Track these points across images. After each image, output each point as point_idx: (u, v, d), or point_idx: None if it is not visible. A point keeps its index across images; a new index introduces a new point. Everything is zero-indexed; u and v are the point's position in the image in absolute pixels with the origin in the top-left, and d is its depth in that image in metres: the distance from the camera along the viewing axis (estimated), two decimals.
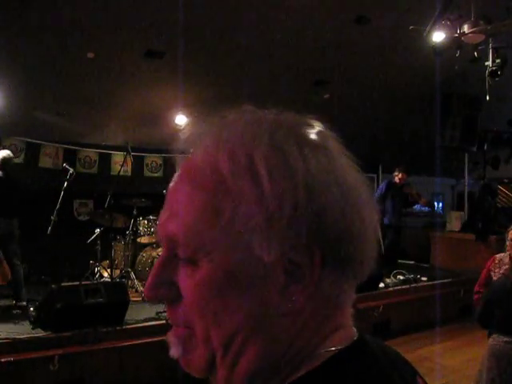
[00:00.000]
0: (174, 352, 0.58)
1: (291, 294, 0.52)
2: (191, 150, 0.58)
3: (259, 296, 0.52)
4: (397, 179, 8.25)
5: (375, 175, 11.17)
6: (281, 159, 0.52)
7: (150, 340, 4.51)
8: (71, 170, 6.33)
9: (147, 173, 8.87)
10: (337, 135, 0.61)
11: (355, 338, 0.56)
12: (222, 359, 0.54)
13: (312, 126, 0.58)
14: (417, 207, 12.86)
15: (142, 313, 5.33)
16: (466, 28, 5.42)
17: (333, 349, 0.54)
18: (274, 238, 0.51)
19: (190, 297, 0.54)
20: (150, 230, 7.25)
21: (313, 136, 0.56)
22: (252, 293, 0.52)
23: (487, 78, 6.07)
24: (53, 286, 4.52)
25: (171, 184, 0.57)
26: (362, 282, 0.58)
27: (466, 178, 9.91)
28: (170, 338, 0.58)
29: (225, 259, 0.52)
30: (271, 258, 0.51)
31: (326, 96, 8.15)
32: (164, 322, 4.83)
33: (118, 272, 6.73)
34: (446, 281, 7.45)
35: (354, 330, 0.58)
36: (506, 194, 12.29)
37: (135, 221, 7.04)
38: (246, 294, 0.52)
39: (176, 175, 0.57)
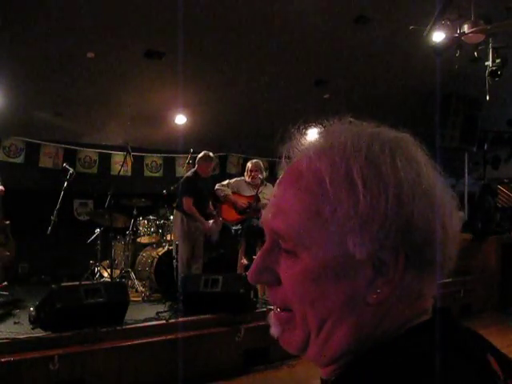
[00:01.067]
0: (275, 331, 0.67)
1: (377, 287, 0.60)
2: (296, 157, 0.66)
3: (350, 286, 0.60)
4: None
5: None
6: (375, 171, 0.59)
7: (149, 340, 4.51)
8: (71, 170, 6.34)
9: (147, 173, 8.88)
10: None
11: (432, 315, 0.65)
12: (315, 338, 0.63)
13: (405, 140, 0.65)
14: None
15: (142, 313, 5.34)
16: (465, 28, 5.42)
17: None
18: (365, 239, 0.59)
19: (290, 284, 0.63)
20: (150, 230, 7.25)
21: (405, 150, 0.63)
22: (344, 284, 0.60)
23: (487, 78, 6.07)
24: (53, 286, 4.52)
25: (278, 184, 0.66)
26: None
27: (466, 177, 9.89)
28: (272, 319, 0.67)
29: (322, 254, 0.60)
30: (362, 255, 0.59)
31: (326, 96, 8.15)
32: (164, 321, 4.84)
33: (117, 272, 6.73)
34: (446, 281, 7.44)
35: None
36: (506, 193, 12.29)
37: (135, 221, 7.04)
38: (338, 285, 0.60)
39: (282, 177, 0.66)
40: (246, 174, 6.45)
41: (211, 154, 6.24)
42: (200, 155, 6.23)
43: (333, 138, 0.64)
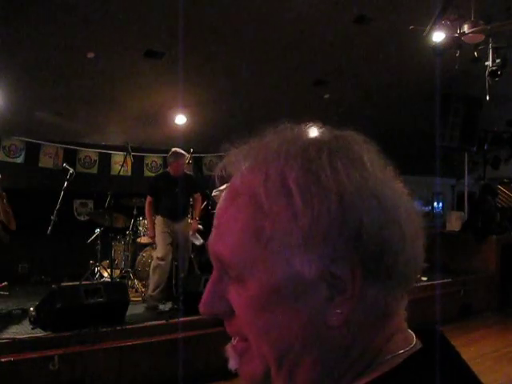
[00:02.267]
0: (232, 364, 0.60)
1: (336, 307, 0.53)
2: (233, 173, 0.60)
3: (305, 311, 0.54)
4: None
5: None
6: (312, 178, 0.53)
7: (149, 340, 4.51)
8: (71, 170, 6.33)
9: (147, 173, 8.87)
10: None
11: (415, 342, 0.58)
12: (276, 373, 0.56)
13: (347, 140, 0.59)
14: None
15: (142, 313, 5.34)
16: (466, 28, 5.42)
17: (400, 351, 0.56)
18: (312, 254, 0.53)
19: (241, 313, 0.57)
20: None
21: (346, 150, 0.57)
22: (298, 307, 0.54)
23: (487, 78, 6.07)
24: (53, 286, 4.52)
25: (219, 204, 0.60)
26: None
27: (466, 177, 9.90)
28: (229, 350, 0.61)
29: (268, 277, 0.54)
30: (312, 273, 0.53)
31: (326, 96, 8.16)
32: (164, 321, 4.84)
33: (118, 272, 6.72)
34: (446, 281, 7.44)
35: (410, 332, 0.60)
36: (506, 193, 12.29)
37: (135, 221, 7.04)
38: (292, 309, 0.54)
39: (222, 196, 0.60)
40: None
41: (179, 150, 5.91)
42: (169, 153, 5.95)
43: (266, 149, 0.58)
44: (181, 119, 8.11)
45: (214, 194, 6.30)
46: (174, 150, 5.89)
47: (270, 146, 0.58)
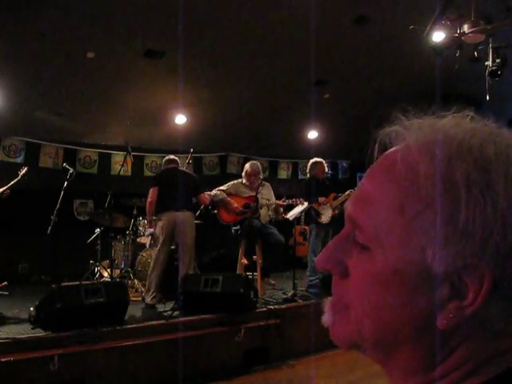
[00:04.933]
0: (326, 320, 0.60)
1: (450, 311, 0.51)
2: (394, 143, 0.58)
3: (420, 302, 0.52)
4: None
5: None
6: (483, 177, 0.51)
7: (149, 340, 4.51)
8: (71, 170, 6.33)
9: (147, 173, 8.88)
10: (335, 135, 0.60)
11: None
12: (371, 347, 0.56)
13: None
14: None
15: (142, 313, 5.34)
16: (466, 28, 5.42)
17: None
18: (449, 251, 0.50)
19: (356, 281, 0.56)
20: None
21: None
22: (414, 297, 0.52)
23: (487, 78, 6.07)
24: (53, 286, 4.52)
25: (369, 169, 0.59)
26: None
27: None
28: (327, 306, 0.60)
29: (397, 257, 0.53)
30: (441, 269, 0.51)
31: (326, 96, 8.16)
32: (164, 321, 4.84)
33: (118, 272, 6.73)
34: None
35: None
36: None
37: (135, 221, 7.04)
38: (407, 296, 0.52)
39: (373, 165, 0.59)
40: (244, 176, 6.41)
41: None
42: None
43: (440, 132, 0.55)
44: (181, 119, 8.11)
45: (213, 193, 6.30)
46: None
47: (446, 129, 0.56)
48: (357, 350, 0.58)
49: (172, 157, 6.19)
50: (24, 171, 6.07)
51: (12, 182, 5.88)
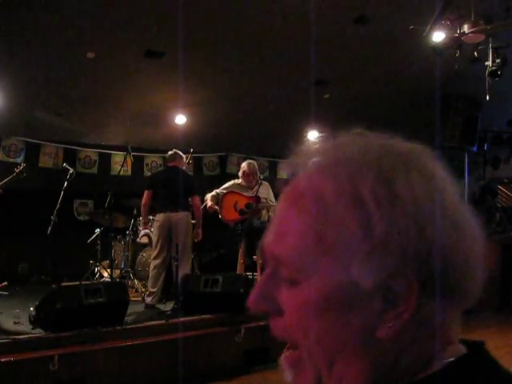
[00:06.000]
0: (287, 377, 0.60)
1: (388, 320, 0.53)
2: (297, 173, 0.59)
3: (357, 320, 0.53)
4: None
5: None
6: (387, 188, 0.52)
7: (149, 340, 4.51)
8: (71, 170, 6.34)
9: (147, 173, 8.87)
10: (335, 135, 0.60)
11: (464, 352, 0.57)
12: (328, 378, 0.56)
13: (421, 154, 0.58)
14: None
15: (142, 313, 5.34)
16: (466, 28, 5.42)
17: (450, 359, 0.55)
18: (373, 266, 0.52)
19: (292, 316, 0.56)
20: (150, 230, 7.24)
21: (421, 164, 0.56)
22: (350, 317, 0.53)
23: (487, 78, 6.07)
24: (53, 286, 4.52)
25: (278, 204, 0.59)
26: None
27: (466, 178, 9.90)
28: (283, 362, 0.60)
29: (324, 283, 0.53)
30: (369, 284, 0.52)
31: (326, 96, 8.15)
32: (164, 321, 4.84)
33: (118, 272, 6.73)
34: None
35: (461, 346, 0.58)
36: (506, 193, 12.28)
37: (135, 221, 7.04)
38: (344, 318, 0.53)
39: (282, 196, 0.59)
40: (241, 176, 6.37)
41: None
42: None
43: (338, 152, 0.56)
44: (181, 119, 8.11)
45: (212, 194, 6.29)
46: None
47: (343, 149, 0.57)
48: None
49: (171, 152, 6.09)
50: (20, 168, 6.07)
51: (5, 180, 5.88)
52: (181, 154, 6.10)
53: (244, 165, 6.40)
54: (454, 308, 0.57)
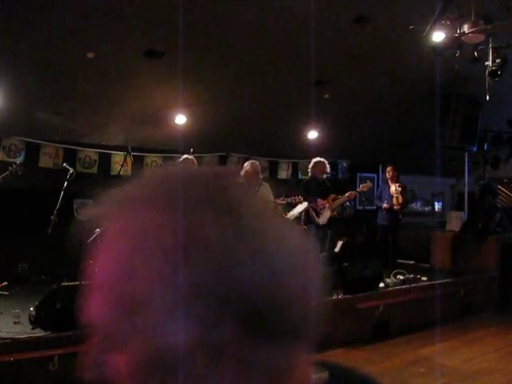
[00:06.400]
0: None
1: (219, 372, 0.48)
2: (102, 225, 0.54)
3: (187, 378, 0.48)
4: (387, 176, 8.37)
5: (375, 175, 11.17)
6: (192, 230, 0.47)
7: None
8: (71, 170, 6.33)
9: None
10: (335, 135, 0.59)
11: None
12: None
13: (223, 183, 0.52)
14: (416, 206, 12.86)
15: None
16: (466, 28, 5.43)
17: None
18: (187, 319, 0.47)
19: (119, 382, 0.51)
20: None
21: (223, 196, 0.50)
22: (179, 375, 0.48)
23: (487, 78, 6.08)
24: (53, 286, 4.52)
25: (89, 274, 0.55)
26: (362, 281, 0.55)
27: (466, 177, 9.91)
28: None
29: (142, 347, 0.48)
30: (188, 339, 0.47)
31: (326, 96, 8.15)
32: None
33: None
34: (445, 281, 7.45)
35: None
36: (506, 193, 12.30)
37: None
38: (173, 378, 0.48)
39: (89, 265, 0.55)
40: (243, 176, 6.36)
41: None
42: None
43: (129, 196, 0.52)
44: (181, 119, 8.11)
45: None
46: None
47: (136, 192, 0.53)
48: None
49: (185, 157, 6.16)
50: (15, 167, 6.06)
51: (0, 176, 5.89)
52: (194, 160, 6.15)
53: (247, 165, 6.30)
54: (290, 349, 0.50)
